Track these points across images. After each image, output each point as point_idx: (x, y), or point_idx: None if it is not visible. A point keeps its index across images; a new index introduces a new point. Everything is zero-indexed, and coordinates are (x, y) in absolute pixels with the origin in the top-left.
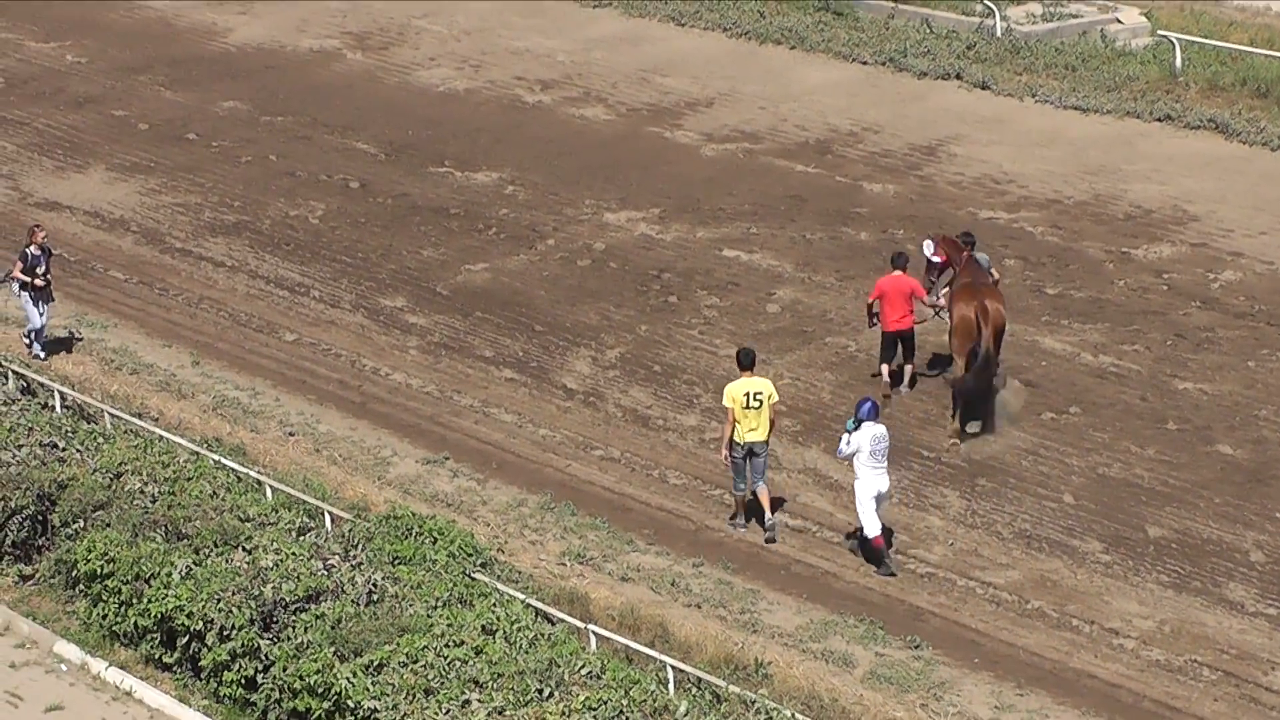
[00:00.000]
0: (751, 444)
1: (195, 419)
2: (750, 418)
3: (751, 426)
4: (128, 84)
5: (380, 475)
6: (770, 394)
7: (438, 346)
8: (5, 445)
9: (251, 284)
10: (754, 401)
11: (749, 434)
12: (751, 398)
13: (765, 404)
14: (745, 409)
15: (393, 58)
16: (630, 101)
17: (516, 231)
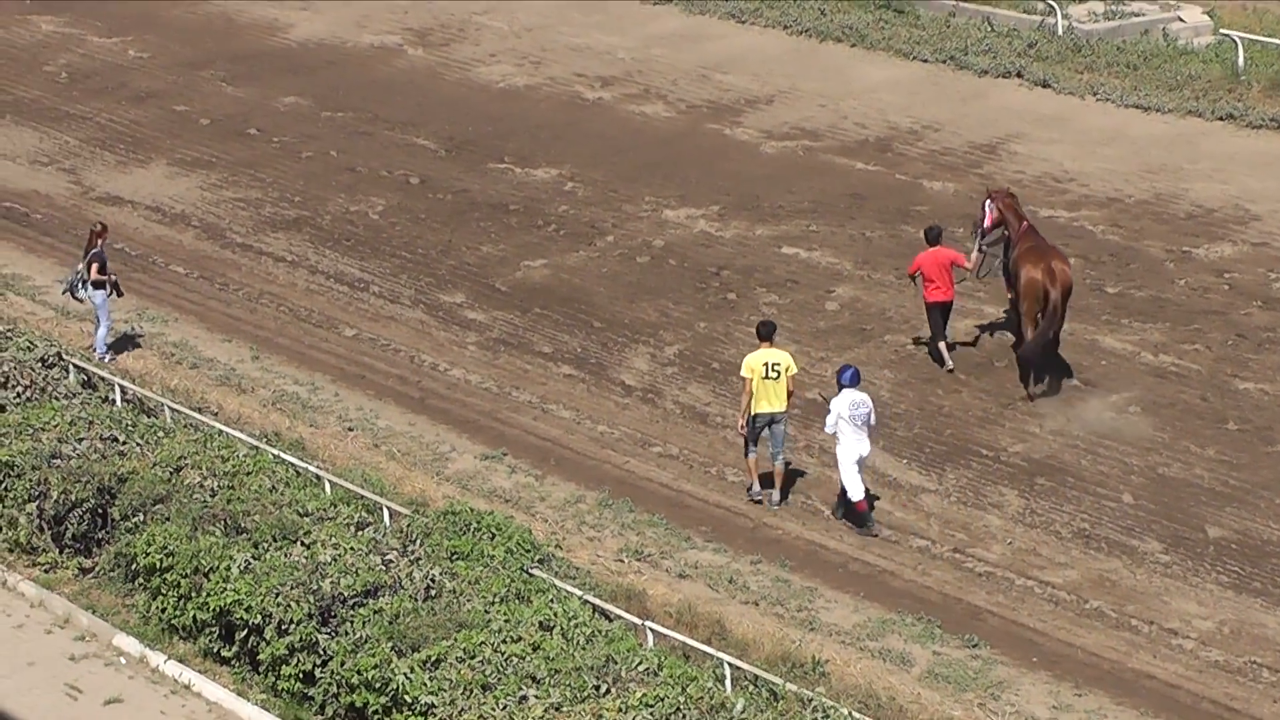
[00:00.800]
0: (771, 414)
1: (255, 413)
2: (768, 388)
3: (771, 396)
4: (189, 79)
5: (439, 471)
6: (789, 365)
7: (496, 342)
8: (66, 439)
9: (311, 279)
10: (772, 372)
11: (767, 405)
12: (770, 368)
13: (783, 375)
14: (764, 379)
15: (453, 54)
16: (690, 98)
17: (576, 228)
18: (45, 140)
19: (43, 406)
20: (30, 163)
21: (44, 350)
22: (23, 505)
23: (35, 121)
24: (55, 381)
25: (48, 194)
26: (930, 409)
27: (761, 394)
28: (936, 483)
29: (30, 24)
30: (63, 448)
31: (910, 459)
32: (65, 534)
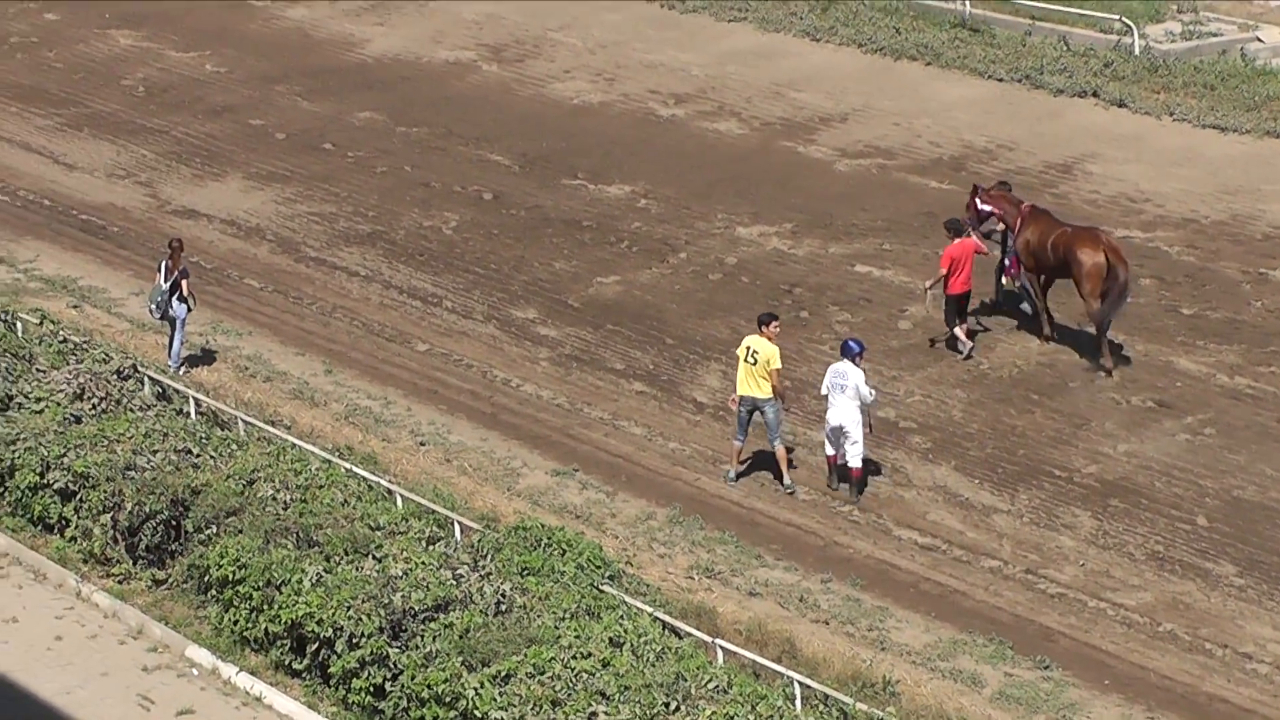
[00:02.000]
0: (753, 399)
1: (327, 427)
2: (747, 371)
3: (749, 380)
4: (265, 94)
5: (510, 486)
6: (768, 358)
7: (568, 359)
8: (141, 450)
9: (385, 294)
10: (750, 357)
11: (746, 388)
12: (749, 353)
13: (759, 363)
14: (743, 361)
15: (528, 70)
16: (764, 116)
17: (648, 245)
18: (122, 153)
19: (118, 418)
20: (107, 176)
21: (120, 363)
22: (97, 516)
23: (112, 135)
24: (131, 394)
25: (124, 207)
26: (1003, 429)
27: (742, 376)
28: (1009, 503)
29: (108, 38)
30: (137, 459)
31: (983, 479)
32: (139, 545)
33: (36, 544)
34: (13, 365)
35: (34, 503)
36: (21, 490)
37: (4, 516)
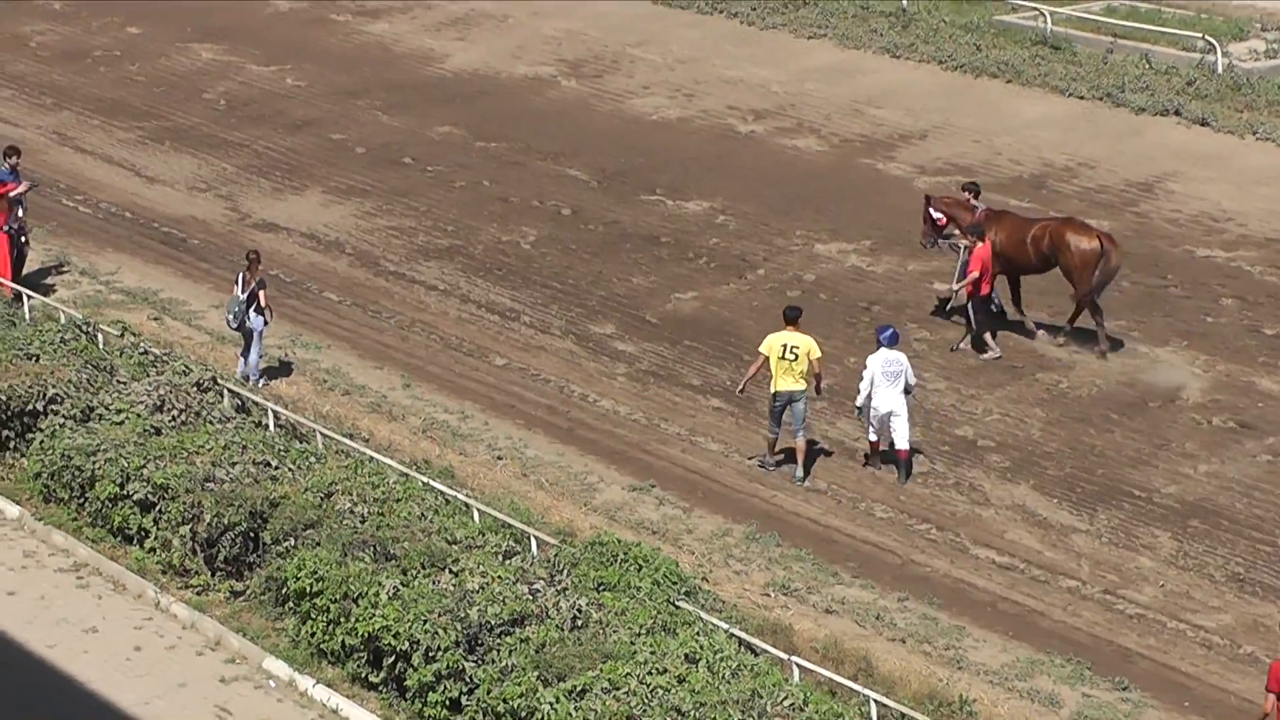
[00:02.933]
0: (790, 393)
1: (405, 440)
2: (785, 368)
3: (787, 377)
4: (345, 108)
5: (586, 501)
6: (809, 349)
7: (646, 374)
8: (220, 463)
9: (463, 308)
10: (789, 354)
11: (784, 384)
12: (787, 350)
13: (801, 357)
14: (780, 359)
15: (606, 85)
16: (843, 133)
17: (726, 261)
18: (203, 167)
19: (197, 430)
20: (188, 189)
21: (199, 375)
22: (176, 528)
23: (193, 148)
24: (210, 406)
25: (205, 220)
26: (1082, 448)
27: (779, 373)
28: (1088, 523)
29: (190, 52)
30: (216, 471)
31: (1061, 498)
32: (217, 557)
33: (116, 555)
34: (94, 377)
35: (114, 514)
36: (102, 501)
37: (84, 527)
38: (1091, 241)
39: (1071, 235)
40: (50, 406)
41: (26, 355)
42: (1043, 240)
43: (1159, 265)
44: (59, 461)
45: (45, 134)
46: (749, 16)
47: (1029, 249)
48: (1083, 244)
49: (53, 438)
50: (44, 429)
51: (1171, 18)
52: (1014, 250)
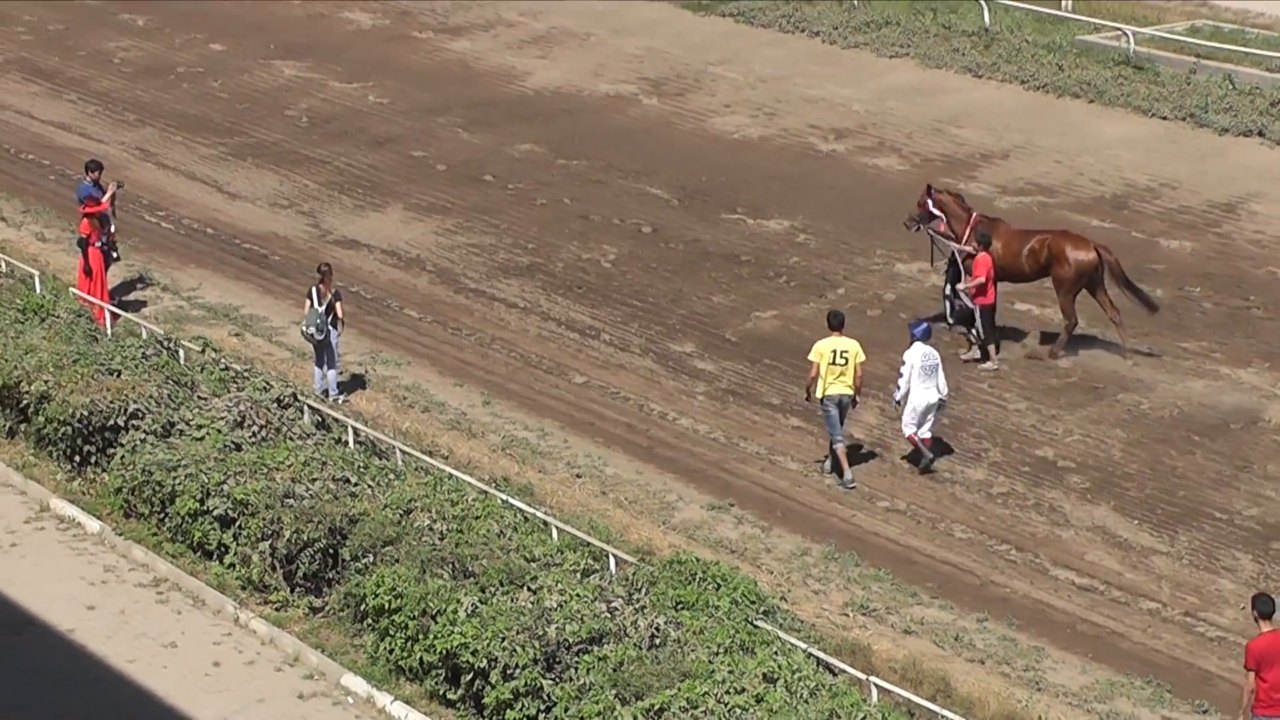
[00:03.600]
0: (840, 396)
1: (484, 458)
2: (836, 373)
3: (838, 381)
4: (427, 125)
5: (665, 520)
6: (856, 353)
7: (725, 393)
8: (300, 479)
9: (543, 326)
10: (839, 359)
11: (835, 387)
12: (837, 355)
13: (851, 361)
14: (831, 364)
15: (688, 104)
16: (924, 152)
17: (807, 280)
18: (285, 183)
19: (278, 446)
20: (270, 205)
21: (280, 391)
22: (256, 544)
23: (275, 164)
24: (290, 422)
25: (286, 236)
26: (1163, 470)
27: (830, 377)
28: (1168, 544)
29: (273, 68)
30: (296, 488)
31: (1142, 520)
32: (296, 573)
33: (196, 570)
34: (175, 392)
35: (194, 529)
36: (182, 516)
37: (164, 542)
38: (1089, 253)
39: (1069, 247)
40: (131, 422)
41: (108, 371)
42: (1041, 252)
43: (1241, 286)
44: (140, 477)
45: (128, 150)
46: (830, 35)
47: (1025, 260)
48: (1080, 255)
49: (134, 453)
50: (125, 444)
51: (1255, 38)
52: (1010, 260)
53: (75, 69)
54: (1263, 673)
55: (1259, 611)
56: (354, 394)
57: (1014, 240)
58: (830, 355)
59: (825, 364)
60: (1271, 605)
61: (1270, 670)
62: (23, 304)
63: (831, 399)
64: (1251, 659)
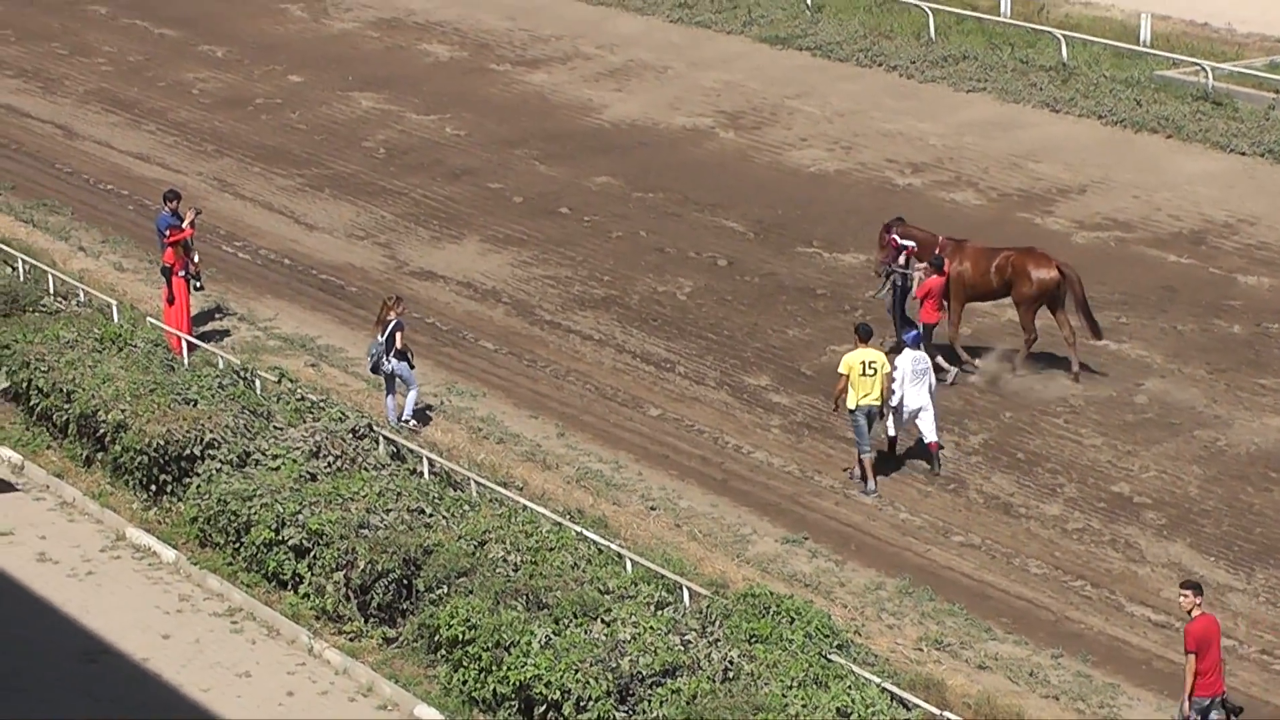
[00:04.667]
0: (869, 408)
1: (559, 490)
2: (866, 384)
3: (867, 391)
4: (504, 157)
5: (739, 553)
6: (883, 364)
7: (800, 426)
8: (374, 509)
9: (618, 358)
10: (869, 370)
11: (865, 398)
12: (866, 366)
13: (879, 372)
14: (862, 376)
15: (765, 137)
16: (1001, 186)
17: (882, 314)
18: (362, 214)
19: (352, 477)
20: (347, 236)
21: (355, 421)
22: (331, 574)
23: (353, 196)
24: (365, 452)
25: (363, 267)
26: (1239, 506)
27: (859, 388)
28: (1245, 582)
29: (351, 100)
30: (371, 518)
31: (1218, 557)
32: (371, 603)
33: (270, 600)
34: (250, 422)
35: (269, 559)
36: (257, 546)
37: (239, 572)
38: (1051, 271)
39: (1031, 265)
40: (207, 451)
41: (185, 400)
42: (1005, 270)
43: None
44: (215, 506)
45: (206, 180)
46: (908, 69)
47: (992, 278)
48: (1042, 273)
49: (209, 482)
50: (201, 474)
51: None
52: (979, 279)
53: (154, 100)
54: (1199, 654)
55: (1194, 594)
56: (429, 425)
57: (980, 259)
58: (860, 367)
59: (856, 375)
60: (1202, 589)
61: (1206, 652)
62: (101, 333)
63: (861, 410)
64: (1192, 642)
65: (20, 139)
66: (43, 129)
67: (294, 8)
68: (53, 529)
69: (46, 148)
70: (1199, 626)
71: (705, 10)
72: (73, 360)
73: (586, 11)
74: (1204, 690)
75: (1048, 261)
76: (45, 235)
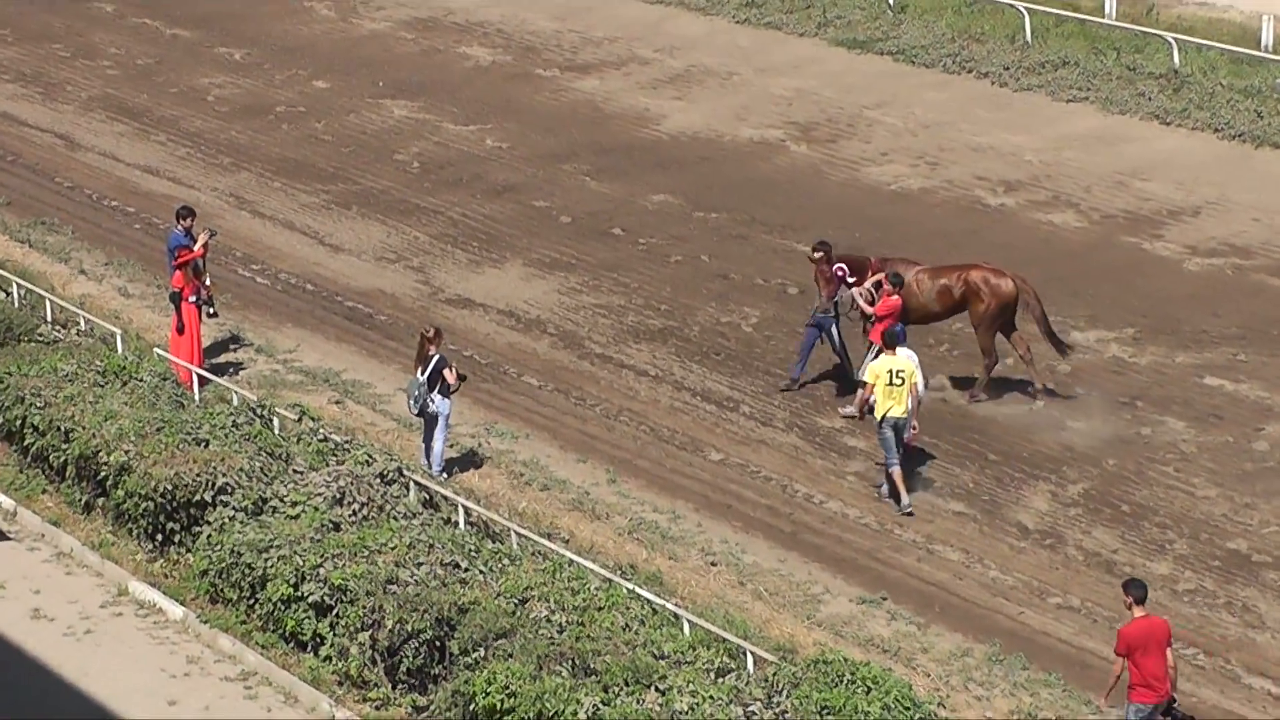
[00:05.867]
0: (896, 419)
1: (609, 542)
2: (893, 394)
3: (895, 402)
4: (550, 173)
5: (810, 614)
6: (912, 372)
7: (880, 472)
8: (404, 563)
9: (676, 396)
10: (896, 379)
11: (893, 409)
12: (894, 375)
13: (907, 381)
14: (889, 385)
15: (840, 151)
16: (1104, 207)
17: (971, 348)
18: (393, 235)
19: (380, 526)
20: (376, 259)
21: (383, 465)
22: (355, 634)
23: (383, 214)
24: (394, 499)
25: (393, 294)
26: None
27: (886, 398)
28: None
29: (382, 108)
30: (400, 573)
31: None
32: (399, 667)
33: (288, 663)
34: (268, 465)
35: (286, 617)
36: (273, 603)
37: (254, 631)
38: (1008, 284)
39: (987, 280)
40: (219, 497)
41: (195, 440)
42: (955, 288)
43: None
44: (228, 558)
45: (221, 196)
46: (1001, 77)
47: (939, 299)
48: (999, 286)
49: (221, 532)
50: (212, 522)
51: None
52: (929, 298)
53: (165, 107)
54: (1137, 659)
55: (1132, 597)
56: (466, 470)
57: (928, 277)
58: (887, 376)
59: (883, 385)
60: (1144, 590)
61: (1146, 657)
62: (103, 365)
63: (889, 421)
64: (1122, 645)
65: (17, 149)
66: (42, 139)
67: (320, 6)
68: (48, 582)
69: (46, 159)
70: (1133, 630)
71: (775, 10)
72: (72, 395)
73: (644, 11)
74: (1144, 697)
75: (1003, 275)
76: (43, 257)
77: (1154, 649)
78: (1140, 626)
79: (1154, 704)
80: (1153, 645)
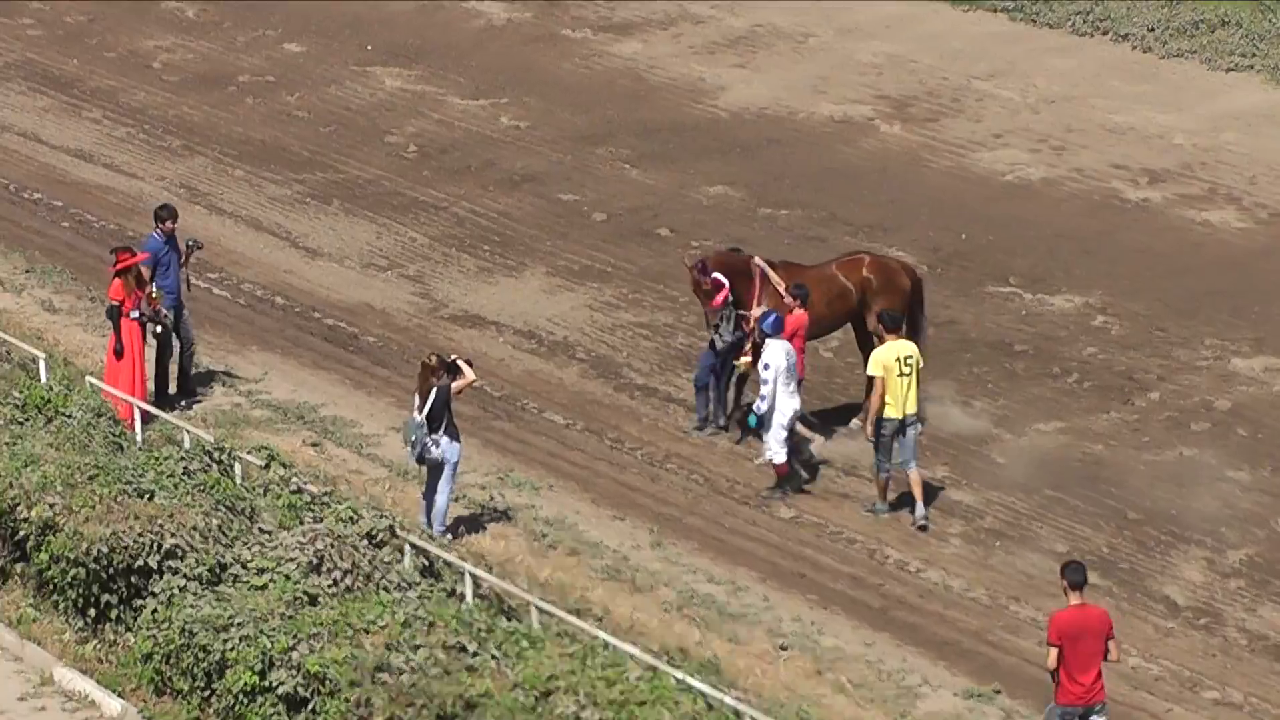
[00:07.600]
0: (902, 420)
1: (653, 620)
2: (901, 387)
3: (905, 397)
4: (580, 158)
5: (905, 710)
6: (919, 359)
7: (991, 534)
8: (397, 645)
9: (735, 438)
10: (904, 367)
11: (898, 409)
12: (903, 363)
13: (914, 370)
14: (898, 376)
15: (943, 132)
16: (1273, 203)
17: (1106, 379)
18: (384, 236)
19: (367, 599)
20: (363, 266)
21: (372, 523)
22: None
23: (372, 210)
24: (385, 566)
25: (384, 309)
26: None
27: (894, 395)
28: None
29: (370, 78)
30: (392, 657)
31: None
32: None
33: None
34: (227, 522)
35: (250, 713)
36: (234, 695)
37: None
38: (911, 277)
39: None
40: (167, 563)
41: (137, 492)
42: (852, 294)
43: None
44: (177, 639)
45: (170, 187)
46: (1144, 40)
47: (853, 298)
48: (905, 283)
49: (169, 606)
50: (158, 593)
51: None
52: (839, 305)
53: (101, 76)
54: (1067, 652)
55: (1069, 582)
56: (475, 530)
57: (825, 283)
58: (896, 366)
59: (892, 377)
60: (1083, 575)
61: (1073, 648)
62: (23, 398)
63: (891, 423)
64: (1054, 633)
65: None
66: None
67: None
68: None
69: None
70: (1065, 617)
71: None
72: None
73: None
74: (1066, 697)
75: (902, 265)
76: None
77: (1088, 640)
78: (1075, 615)
79: (1078, 706)
80: (1088, 636)
